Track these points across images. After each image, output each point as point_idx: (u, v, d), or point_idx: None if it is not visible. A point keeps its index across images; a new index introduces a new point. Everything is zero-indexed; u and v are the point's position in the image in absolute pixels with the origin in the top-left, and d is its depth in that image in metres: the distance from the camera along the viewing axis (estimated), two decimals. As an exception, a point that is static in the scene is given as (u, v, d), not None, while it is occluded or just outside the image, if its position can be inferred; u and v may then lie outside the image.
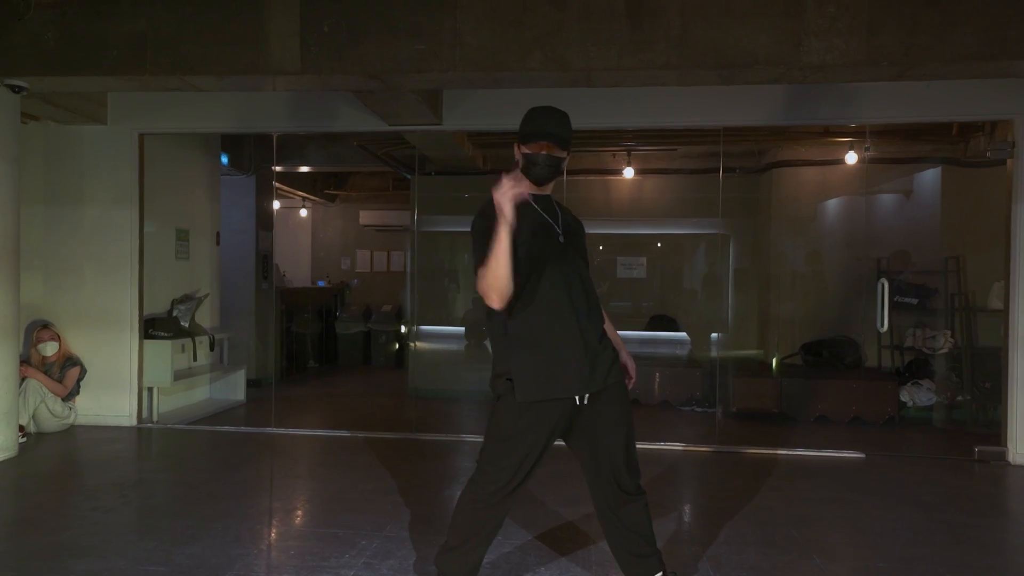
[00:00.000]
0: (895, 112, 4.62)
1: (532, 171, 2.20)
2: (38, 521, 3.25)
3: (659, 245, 7.53)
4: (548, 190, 2.29)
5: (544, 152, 2.18)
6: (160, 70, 3.93)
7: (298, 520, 3.30)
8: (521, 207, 2.05)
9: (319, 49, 3.82)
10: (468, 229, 2.20)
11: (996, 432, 4.74)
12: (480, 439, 2.42)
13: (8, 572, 2.64)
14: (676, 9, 3.64)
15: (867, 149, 5.39)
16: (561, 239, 2.22)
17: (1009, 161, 4.52)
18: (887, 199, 6.86)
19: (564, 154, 2.22)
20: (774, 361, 6.72)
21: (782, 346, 6.80)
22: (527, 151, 2.20)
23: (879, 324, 4.95)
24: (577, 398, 2.13)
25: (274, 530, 3.14)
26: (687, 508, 3.58)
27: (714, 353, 6.81)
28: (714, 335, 7.11)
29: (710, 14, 3.61)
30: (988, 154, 4.69)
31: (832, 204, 6.84)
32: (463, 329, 7.48)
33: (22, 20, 3.92)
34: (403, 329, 8.78)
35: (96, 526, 3.17)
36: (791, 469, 4.29)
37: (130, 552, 2.88)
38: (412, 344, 7.12)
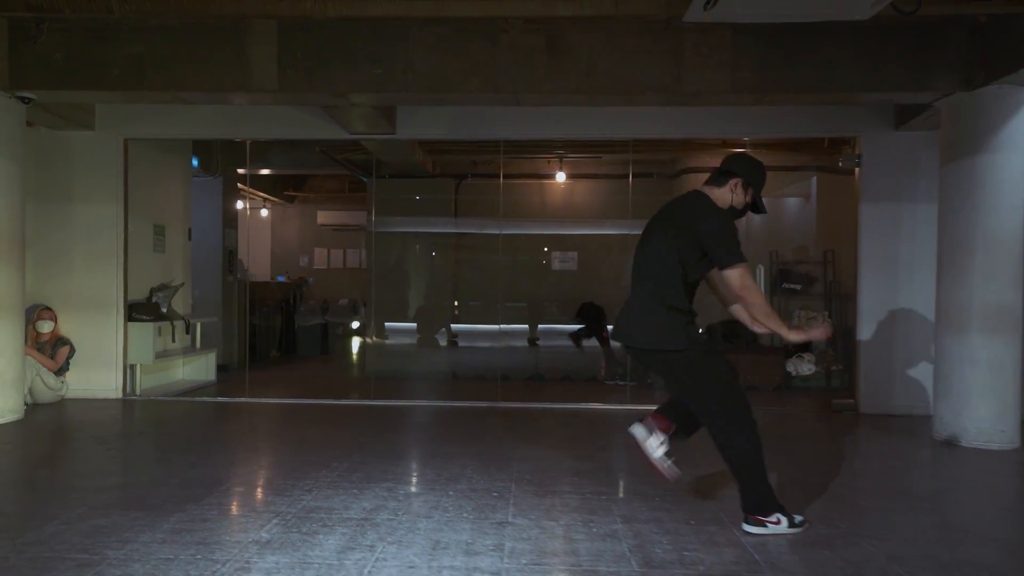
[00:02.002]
0: (768, 128, 5.66)
1: (745, 211, 2.94)
2: (62, 460, 3.94)
3: (590, 246, 8.50)
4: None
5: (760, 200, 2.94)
6: (156, 87, 4.65)
7: (280, 453, 4.08)
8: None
9: (294, 71, 4.61)
10: (421, 230, 3.04)
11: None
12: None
13: (58, 492, 3.35)
14: (585, 46, 4.57)
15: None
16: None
17: (857, 170, 5.62)
18: (783, 202, 7.99)
19: None
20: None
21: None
22: (755, 197, 2.91)
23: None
24: None
25: (260, 458, 3.91)
26: (570, 443, 4.50)
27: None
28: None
29: (612, 51, 4.56)
30: (841, 164, 5.79)
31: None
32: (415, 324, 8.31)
33: (35, 43, 4.59)
34: (355, 324, 9.53)
35: (112, 461, 3.89)
36: (685, 419, 5.26)
37: (147, 474, 3.62)
38: (368, 338, 7.91)
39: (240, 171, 8.07)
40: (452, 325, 8.96)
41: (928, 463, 4.16)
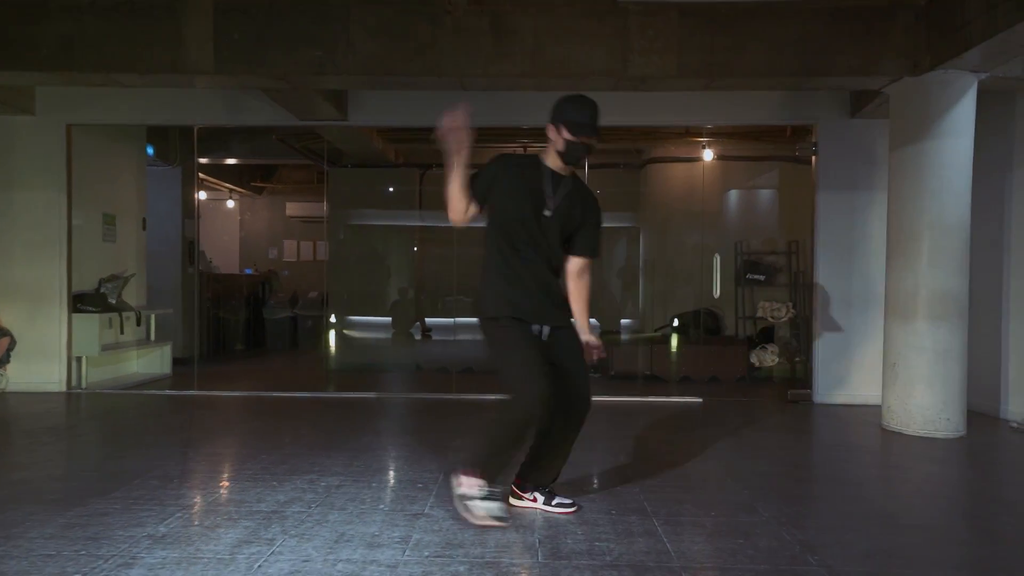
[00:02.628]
0: (725, 116, 5.58)
1: (569, 156, 2.56)
2: (-19, 451, 3.80)
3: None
4: (565, 171, 2.62)
5: (584, 143, 2.53)
6: (86, 67, 4.50)
7: (213, 445, 3.96)
8: (532, 167, 2.58)
9: (230, 53, 4.48)
10: (383, 222, 2.88)
11: (811, 381, 5.77)
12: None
13: (-40, 479, 3.22)
14: (531, 29, 4.46)
15: (704, 146, 6.36)
16: (547, 212, 2.54)
17: (814, 159, 5.55)
18: (746, 193, 7.93)
19: (595, 143, 2.59)
20: (652, 332, 7.68)
21: (658, 320, 7.76)
22: (572, 139, 2.51)
23: (714, 291, 5.91)
24: (535, 328, 2.56)
25: (190, 451, 3.79)
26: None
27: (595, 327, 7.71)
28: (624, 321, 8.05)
29: (557, 34, 4.45)
30: (797, 152, 5.72)
31: (698, 197, 7.84)
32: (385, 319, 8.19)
33: (-41, 21, 4.43)
34: (331, 317, 9.40)
35: (32, 454, 3.75)
36: (637, 412, 5.19)
37: (64, 466, 3.50)
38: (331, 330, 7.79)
39: (202, 161, 7.91)
40: (427, 319, 8.84)
41: (870, 452, 4.10)
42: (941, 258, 4.23)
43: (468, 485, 2.65)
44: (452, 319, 7.59)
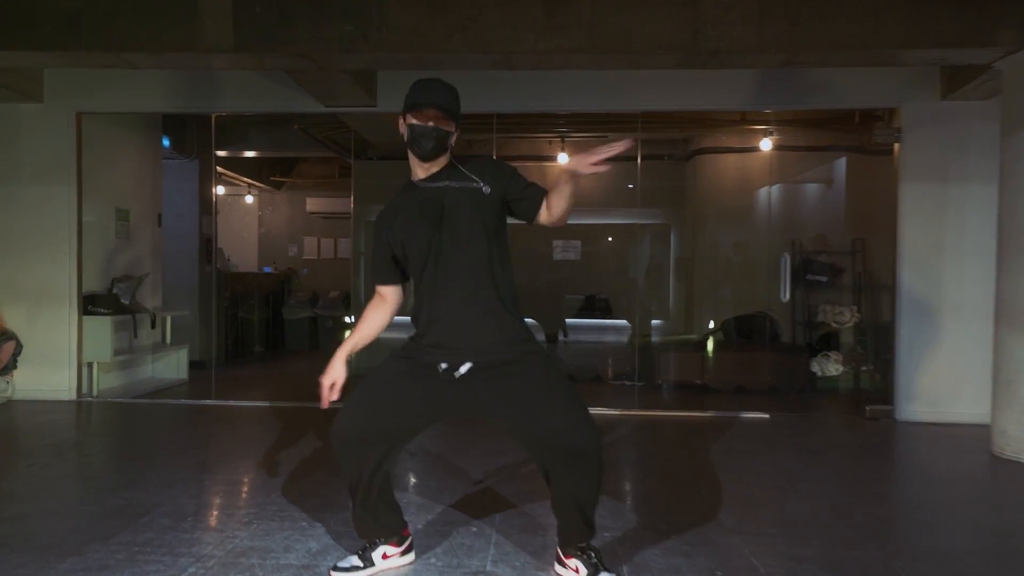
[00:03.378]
0: (794, 99, 5.01)
1: (418, 144, 2.05)
2: (-28, 476, 3.36)
3: (609, 239, 7.87)
4: (435, 167, 2.11)
5: (432, 123, 2.03)
6: (95, 46, 4.04)
7: (230, 471, 3.49)
8: (400, 198, 2.14)
9: (251, 28, 4.00)
10: None
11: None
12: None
13: (-58, 514, 2.78)
14: (588, -1, 3.93)
15: (771, 133, 5.79)
16: (427, 224, 2.07)
17: (896, 146, 4.97)
18: (807, 187, 7.33)
19: (452, 128, 2.07)
20: (702, 338, 7.12)
21: (707, 325, 7.21)
22: (413, 121, 2.04)
23: (782, 295, 5.35)
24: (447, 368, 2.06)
25: (204, 478, 3.33)
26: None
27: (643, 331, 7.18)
28: (655, 321, 7.52)
29: (618, 2, 3.92)
30: (876, 139, 5.13)
31: (753, 191, 7.27)
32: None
33: (-47, -6, 3.99)
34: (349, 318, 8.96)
35: (31, 479, 3.30)
36: (700, 428, 4.65)
37: (64, 497, 3.04)
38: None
39: (219, 153, 7.47)
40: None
41: (996, 488, 3.53)
42: (1068, 259, 3.65)
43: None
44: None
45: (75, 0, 4.01)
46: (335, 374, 2.20)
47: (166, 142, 6.97)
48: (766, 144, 6.41)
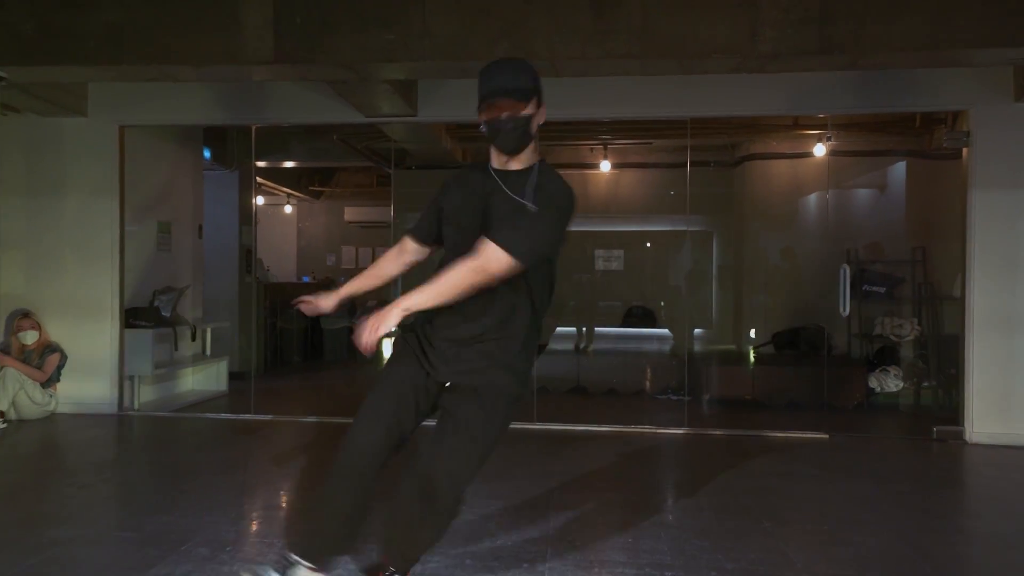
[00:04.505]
0: (854, 102, 4.76)
1: (497, 140, 1.90)
2: (15, 496, 3.33)
3: (648, 244, 7.67)
4: (521, 162, 1.94)
5: (498, 115, 1.85)
6: (137, 60, 4.02)
7: (272, 490, 3.40)
8: (463, 180, 2.03)
9: (292, 40, 3.92)
10: None
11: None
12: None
13: (-17, 539, 2.73)
14: (638, 2, 3.76)
15: (829, 138, 5.52)
16: (468, 214, 1.97)
17: (965, 151, 4.67)
18: (862, 193, 7.02)
19: (528, 109, 1.86)
20: (750, 350, 6.86)
21: (757, 337, 6.93)
22: (485, 119, 1.88)
23: (841, 309, 5.08)
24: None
25: (246, 501, 3.23)
26: (648, 480, 3.70)
27: (691, 343, 6.94)
28: (697, 330, 7.28)
29: (670, 5, 3.73)
30: (944, 144, 4.84)
31: (804, 198, 6.98)
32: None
33: (0, 12, 4.01)
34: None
35: (72, 500, 3.25)
36: (754, 448, 4.42)
37: (103, 521, 2.98)
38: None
39: (259, 164, 7.48)
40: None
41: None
42: None
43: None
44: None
45: (117, 14, 4.00)
46: (323, 302, 2.19)
47: (207, 153, 7.00)
48: (820, 149, 6.12)
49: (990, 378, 4.57)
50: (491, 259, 1.83)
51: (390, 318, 1.85)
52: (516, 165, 1.95)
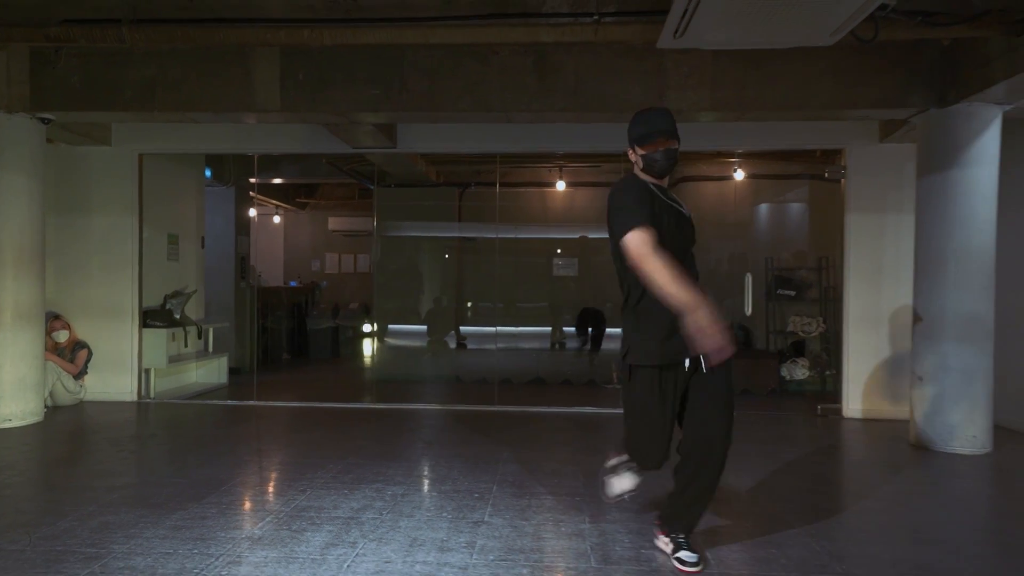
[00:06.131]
0: (757, 141, 5.82)
1: (655, 167, 2.52)
2: (81, 459, 4.23)
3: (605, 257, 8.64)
4: (665, 181, 2.62)
5: (662, 148, 2.50)
6: (167, 108, 4.93)
7: (281, 455, 4.33)
8: (652, 194, 2.49)
9: (295, 93, 4.87)
10: (424, 234, 2.97)
11: (841, 395, 5.96)
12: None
13: (72, 492, 3.63)
14: (572, 67, 4.77)
15: (740, 166, 6.60)
16: (682, 220, 2.57)
17: (843, 181, 5.76)
18: (778, 209, 8.12)
19: (677, 144, 2.53)
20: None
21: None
22: (645, 152, 2.51)
23: (746, 309, 6.15)
24: (687, 362, 2.45)
25: (262, 460, 4.17)
26: (581, 445, 4.70)
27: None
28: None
29: (597, 71, 4.75)
30: (827, 176, 5.93)
31: (730, 214, 8.06)
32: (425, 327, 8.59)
33: (54, 68, 4.89)
34: (366, 327, 9.84)
35: (125, 462, 4.16)
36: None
37: (156, 474, 3.89)
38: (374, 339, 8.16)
39: (252, 180, 8.37)
40: (461, 328, 9.19)
41: (896, 468, 4.31)
42: (966, 283, 4.43)
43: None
44: (494, 328, 7.91)
45: (150, 70, 4.90)
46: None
47: (208, 173, 7.88)
48: (739, 174, 7.21)
49: (862, 364, 5.66)
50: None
51: (709, 319, 2.23)
52: (661, 183, 2.61)
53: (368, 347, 9.95)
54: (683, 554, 2.61)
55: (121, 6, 4.18)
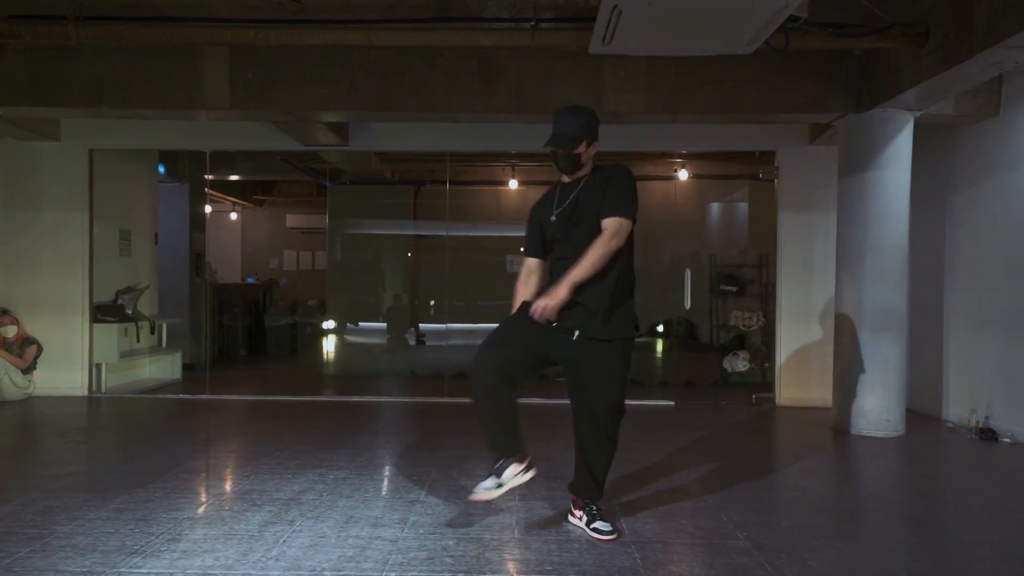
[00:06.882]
0: (695, 143, 6.11)
1: (556, 166, 2.83)
2: (27, 450, 4.28)
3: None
4: (580, 174, 2.83)
5: (561, 152, 2.76)
6: (114, 104, 4.98)
7: (229, 444, 4.44)
8: (550, 199, 2.84)
9: (244, 91, 4.96)
10: (381, 232, 3.11)
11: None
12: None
13: (17, 479, 3.69)
14: (514, 70, 4.96)
15: (684, 166, 6.89)
16: (553, 218, 2.81)
17: (776, 181, 6.07)
18: (721, 208, 8.46)
19: (575, 149, 2.73)
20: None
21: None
22: (549, 150, 2.80)
23: (685, 303, 6.43)
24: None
25: (210, 449, 4.27)
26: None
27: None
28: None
29: (539, 74, 4.95)
30: (761, 177, 6.24)
31: (675, 213, 8.36)
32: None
33: None
34: (326, 324, 9.92)
35: (72, 452, 4.22)
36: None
37: (103, 461, 3.98)
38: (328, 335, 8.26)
39: (208, 177, 8.39)
40: (420, 325, 9.33)
41: (814, 449, 4.60)
42: (882, 277, 4.75)
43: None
44: (445, 324, 8.08)
45: (98, 67, 4.95)
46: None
47: (161, 169, 7.88)
48: (683, 174, 7.51)
49: (793, 356, 5.98)
50: (619, 228, 2.73)
51: (562, 291, 2.64)
52: (583, 173, 2.86)
53: (326, 344, 10.03)
54: (598, 524, 2.82)
55: (68, 4, 4.24)
